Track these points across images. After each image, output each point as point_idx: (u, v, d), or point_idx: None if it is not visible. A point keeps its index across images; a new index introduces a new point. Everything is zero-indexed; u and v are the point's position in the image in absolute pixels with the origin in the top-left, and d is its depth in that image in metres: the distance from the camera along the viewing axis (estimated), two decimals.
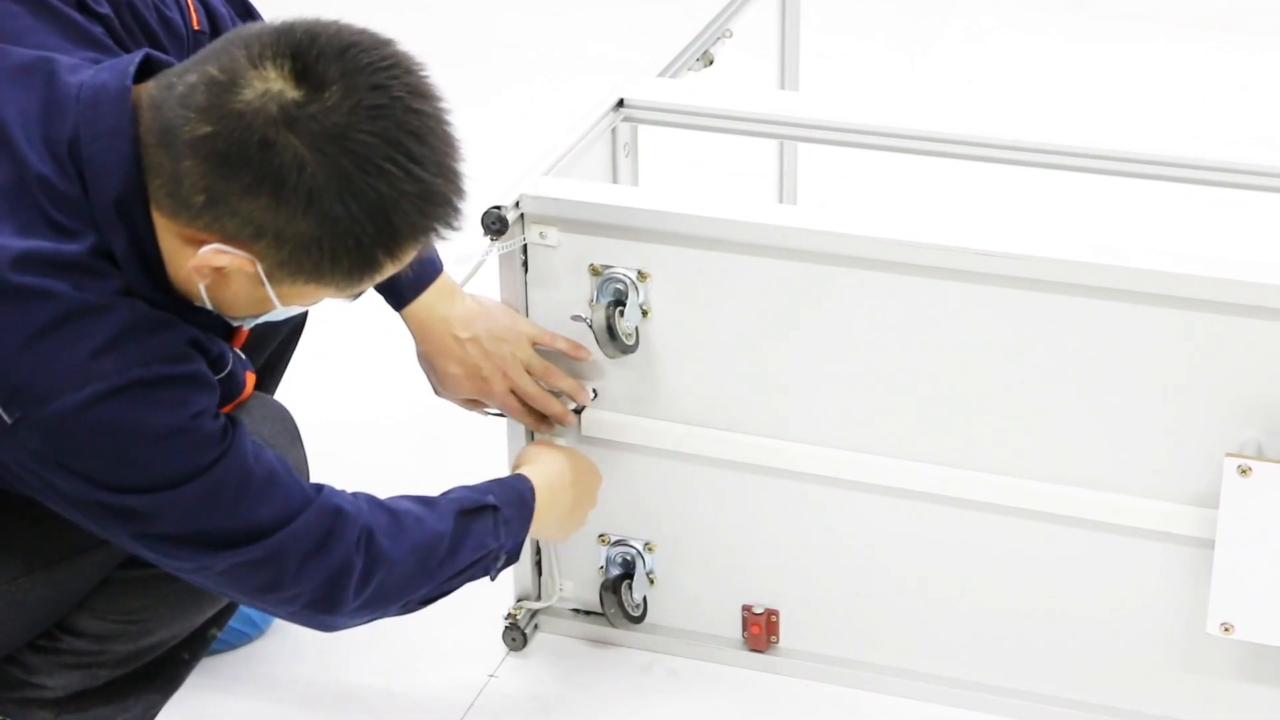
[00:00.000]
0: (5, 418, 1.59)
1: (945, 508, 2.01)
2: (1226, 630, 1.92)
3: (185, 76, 1.58)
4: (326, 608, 1.76)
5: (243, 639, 2.18)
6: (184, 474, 1.64)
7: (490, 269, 2.02)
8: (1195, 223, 2.88)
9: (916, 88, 3.69)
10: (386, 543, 1.77)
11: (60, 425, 1.59)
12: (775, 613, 2.13)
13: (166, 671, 1.94)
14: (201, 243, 1.59)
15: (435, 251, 1.93)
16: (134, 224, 1.60)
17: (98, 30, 1.71)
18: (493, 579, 1.91)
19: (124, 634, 1.87)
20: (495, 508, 1.87)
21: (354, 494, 1.79)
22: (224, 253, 1.58)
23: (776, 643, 2.15)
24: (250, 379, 1.81)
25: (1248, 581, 1.89)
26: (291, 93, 1.54)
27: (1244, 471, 1.85)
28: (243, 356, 1.82)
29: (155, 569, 1.81)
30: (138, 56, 1.63)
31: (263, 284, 1.61)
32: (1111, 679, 2.04)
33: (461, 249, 1.96)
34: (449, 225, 1.61)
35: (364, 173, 1.55)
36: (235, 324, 1.73)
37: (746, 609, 2.14)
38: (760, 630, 2.13)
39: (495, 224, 1.98)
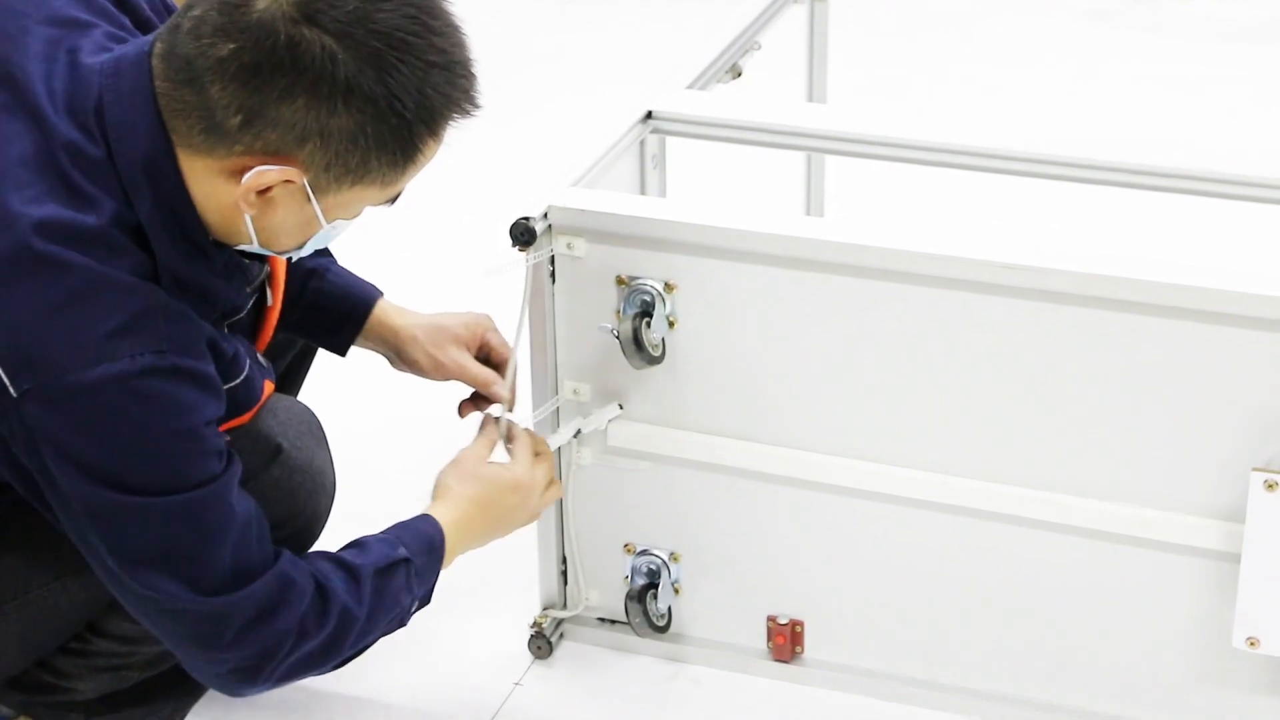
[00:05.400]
0: (11, 389, 1.60)
1: (970, 520, 2.02)
2: (1252, 644, 1.92)
3: (189, 13, 1.60)
4: (248, 678, 1.74)
5: None
6: (174, 482, 1.64)
7: (517, 280, 2.03)
8: (1225, 237, 2.88)
9: (944, 100, 3.69)
10: (313, 626, 1.75)
11: (66, 401, 1.59)
12: (800, 623, 2.14)
13: None
14: (242, 171, 1.61)
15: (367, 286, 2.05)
16: (161, 182, 1.62)
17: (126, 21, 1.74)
18: (404, 626, 1.88)
19: (153, 636, 1.88)
20: (408, 560, 1.84)
21: (317, 571, 1.77)
22: (267, 171, 1.60)
23: (801, 653, 2.15)
24: (269, 386, 1.82)
25: (1273, 595, 1.89)
26: None
27: (1270, 486, 1.85)
28: (263, 363, 1.83)
29: None
30: (160, 31, 1.66)
31: (309, 200, 1.63)
32: (1136, 692, 2.04)
33: (490, 260, 1.98)
34: (471, 98, 1.64)
35: (393, 49, 1.58)
36: (283, 255, 1.73)
37: (771, 619, 2.14)
38: (785, 640, 2.14)
39: (523, 235, 1.99)
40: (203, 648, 1.71)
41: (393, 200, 1.69)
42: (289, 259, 1.76)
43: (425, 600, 1.89)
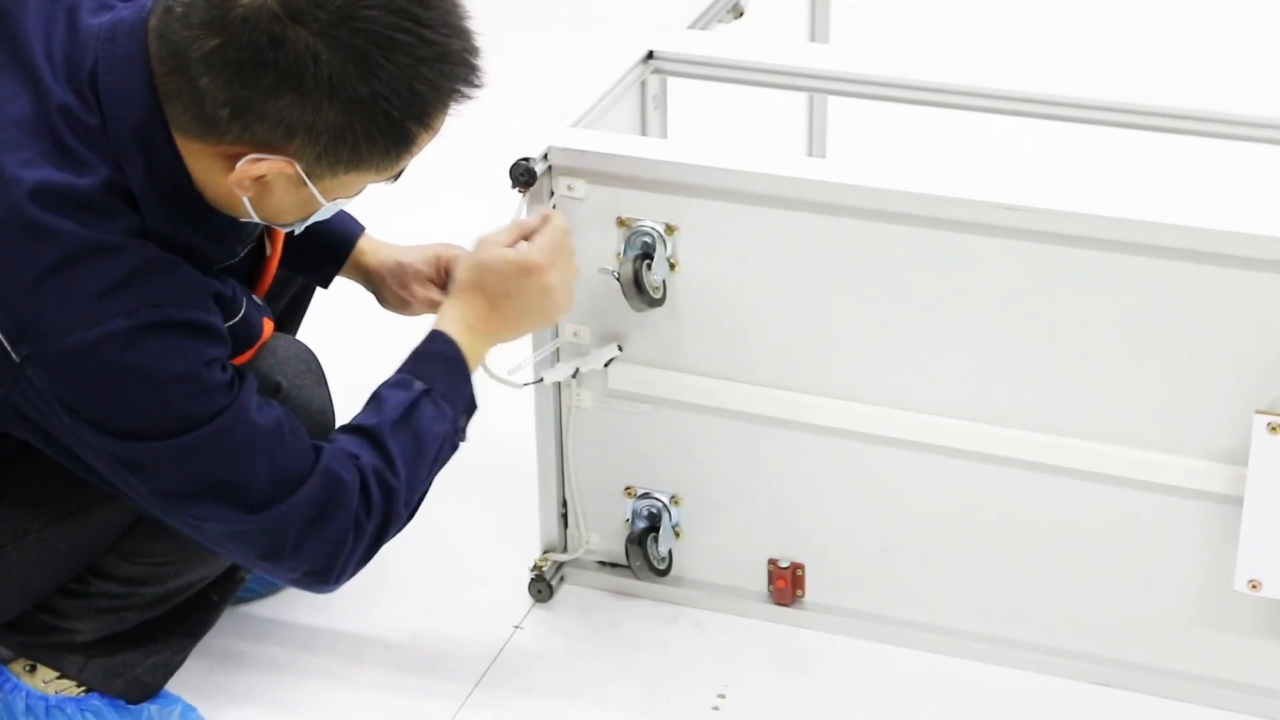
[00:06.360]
0: (13, 355, 1.61)
1: (972, 463, 2.01)
2: (1254, 587, 1.92)
3: None
4: (324, 577, 1.76)
5: (271, 588, 2.19)
6: (187, 422, 1.64)
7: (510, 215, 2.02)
8: (1230, 178, 2.86)
9: (947, 40, 3.67)
10: (364, 516, 1.75)
11: (67, 364, 1.60)
12: (801, 566, 2.14)
13: (195, 614, 1.96)
14: (236, 157, 1.60)
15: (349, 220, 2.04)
16: (152, 152, 1.62)
17: None
18: (464, 439, 1.86)
19: (152, 576, 1.89)
20: (427, 391, 1.81)
21: (349, 454, 1.76)
22: (260, 160, 1.60)
23: (802, 596, 2.15)
24: (268, 325, 1.82)
25: (1275, 538, 1.89)
26: None
27: (1274, 429, 1.84)
28: (260, 303, 1.83)
29: None
30: (157, 4, 1.64)
31: (305, 184, 1.63)
32: (1138, 635, 2.04)
33: (491, 202, 1.97)
34: (470, 84, 1.63)
35: (378, 47, 1.56)
36: (286, 229, 1.74)
37: (772, 563, 2.14)
38: (786, 584, 2.13)
39: (523, 176, 1.98)
40: (271, 560, 1.73)
41: (395, 178, 1.69)
42: (291, 231, 1.76)
43: (470, 409, 1.85)
